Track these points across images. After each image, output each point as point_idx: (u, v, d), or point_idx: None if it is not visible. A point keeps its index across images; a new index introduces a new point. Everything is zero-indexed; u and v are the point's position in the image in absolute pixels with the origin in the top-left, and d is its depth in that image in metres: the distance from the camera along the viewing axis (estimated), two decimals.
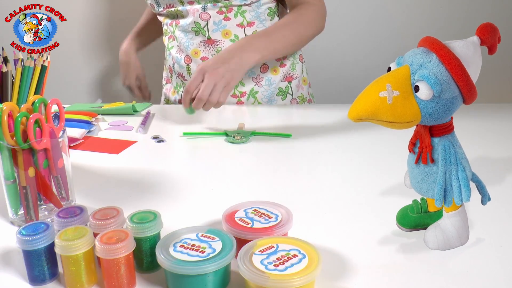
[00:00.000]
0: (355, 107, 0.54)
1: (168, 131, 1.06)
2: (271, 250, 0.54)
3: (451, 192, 0.55)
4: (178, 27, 1.21)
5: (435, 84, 0.51)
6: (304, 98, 1.32)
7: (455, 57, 0.52)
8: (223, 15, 1.17)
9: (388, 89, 0.52)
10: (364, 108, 0.53)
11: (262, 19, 1.20)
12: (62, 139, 0.69)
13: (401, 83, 0.52)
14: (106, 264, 0.54)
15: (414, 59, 0.53)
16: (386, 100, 0.52)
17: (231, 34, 1.18)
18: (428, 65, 0.52)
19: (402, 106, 0.52)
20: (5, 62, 0.73)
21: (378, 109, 0.52)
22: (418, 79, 0.52)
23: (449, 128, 0.56)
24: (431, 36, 0.54)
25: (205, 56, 1.20)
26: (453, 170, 0.55)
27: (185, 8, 1.18)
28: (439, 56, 0.52)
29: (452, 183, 0.55)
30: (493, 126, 1.06)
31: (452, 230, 0.58)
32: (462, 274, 0.57)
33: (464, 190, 0.54)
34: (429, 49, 0.53)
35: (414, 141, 0.58)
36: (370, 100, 0.52)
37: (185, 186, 0.81)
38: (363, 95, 0.53)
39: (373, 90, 0.53)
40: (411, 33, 1.79)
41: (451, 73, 0.52)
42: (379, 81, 0.53)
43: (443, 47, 0.52)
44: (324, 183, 0.82)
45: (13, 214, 0.69)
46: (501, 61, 1.66)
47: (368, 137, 1.00)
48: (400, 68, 0.53)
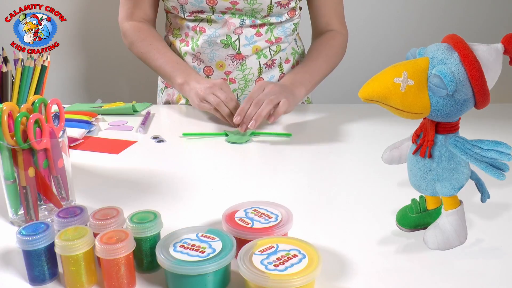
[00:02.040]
0: (368, 87, 0.53)
1: (168, 131, 1.06)
2: (271, 250, 0.54)
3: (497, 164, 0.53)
4: (203, 35, 1.17)
5: (451, 82, 0.51)
6: (310, 101, 1.34)
7: (476, 59, 0.52)
8: (255, 30, 1.17)
9: (404, 77, 0.51)
10: (377, 90, 0.52)
11: (287, 34, 1.21)
12: (62, 139, 0.69)
13: (418, 74, 0.52)
14: (106, 264, 0.54)
15: (435, 53, 0.53)
16: (399, 86, 0.51)
17: (260, 49, 1.18)
18: (448, 62, 0.52)
19: (414, 96, 0.52)
20: (5, 62, 0.73)
21: (390, 94, 0.52)
22: (435, 73, 0.51)
23: (455, 128, 0.56)
24: (457, 35, 0.54)
25: (230, 71, 1.18)
26: (477, 151, 0.54)
27: (218, 16, 1.15)
28: (460, 55, 0.52)
29: (489, 156, 0.53)
30: (493, 126, 1.06)
31: (450, 229, 0.58)
32: (462, 274, 0.57)
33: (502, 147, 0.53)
34: (452, 46, 0.53)
35: (418, 133, 0.58)
36: (384, 84, 0.52)
37: (185, 186, 0.81)
38: (378, 77, 0.53)
39: (389, 75, 0.52)
40: (411, 33, 1.79)
41: (469, 74, 0.52)
42: (396, 67, 0.53)
43: (466, 47, 0.52)
44: (324, 183, 0.82)
45: (13, 214, 0.69)
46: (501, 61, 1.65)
47: (368, 137, 1.00)
48: (420, 59, 0.53)
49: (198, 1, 1.12)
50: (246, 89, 1.21)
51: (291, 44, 1.25)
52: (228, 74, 1.19)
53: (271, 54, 1.20)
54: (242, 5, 1.13)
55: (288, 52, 1.24)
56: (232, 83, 1.19)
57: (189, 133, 1.03)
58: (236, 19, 1.15)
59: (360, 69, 1.84)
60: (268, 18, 1.17)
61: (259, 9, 1.14)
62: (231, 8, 1.13)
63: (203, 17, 1.16)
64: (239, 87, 1.20)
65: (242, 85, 1.20)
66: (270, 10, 1.14)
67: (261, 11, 1.14)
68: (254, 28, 1.17)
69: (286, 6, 1.15)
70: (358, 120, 1.10)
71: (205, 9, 1.14)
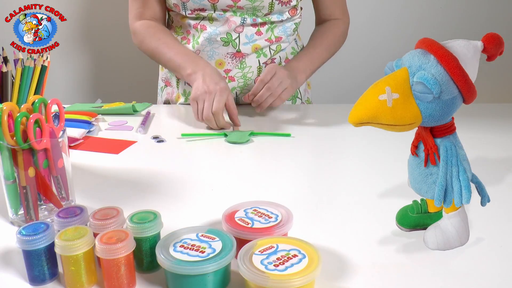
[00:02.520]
0: (355, 111, 0.53)
1: (168, 131, 1.06)
2: (271, 250, 0.54)
3: (451, 193, 0.55)
4: (203, 33, 1.17)
5: (434, 85, 0.51)
6: (310, 102, 1.34)
7: (453, 57, 0.52)
8: (256, 29, 1.18)
9: (388, 92, 0.52)
10: (364, 112, 0.52)
11: (288, 34, 1.22)
12: (62, 139, 0.69)
13: (400, 86, 0.52)
14: (106, 264, 0.54)
15: (412, 61, 0.53)
16: (386, 103, 0.52)
17: (259, 48, 1.19)
18: (426, 67, 0.52)
19: (403, 108, 0.52)
20: (5, 62, 0.73)
21: (378, 112, 0.52)
22: (417, 80, 0.52)
23: (451, 129, 0.56)
24: (428, 38, 0.54)
25: (229, 69, 1.19)
26: (454, 171, 0.55)
27: (220, 14, 1.15)
28: (436, 56, 0.52)
29: (453, 184, 0.55)
30: (493, 126, 1.06)
31: (452, 231, 0.58)
32: (462, 274, 0.57)
33: (464, 191, 0.54)
34: (426, 50, 0.53)
35: (416, 144, 0.58)
36: (370, 104, 0.52)
37: (185, 186, 0.81)
38: (363, 99, 0.53)
39: (372, 94, 0.53)
40: (411, 33, 1.79)
41: (450, 73, 0.52)
42: (378, 84, 0.53)
43: (440, 47, 0.52)
44: (324, 183, 0.82)
45: (13, 214, 0.69)
46: (501, 61, 1.66)
47: (368, 137, 1.00)
48: (399, 71, 0.53)
49: None
50: (245, 88, 1.21)
51: (291, 44, 1.25)
52: (228, 72, 1.19)
53: (271, 53, 1.21)
54: (244, 3, 1.13)
55: (288, 52, 1.24)
56: (232, 81, 1.20)
57: (187, 134, 1.03)
58: (237, 18, 1.15)
59: (360, 70, 1.85)
60: (269, 17, 1.17)
61: (260, 6, 1.14)
62: (233, 6, 1.13)
63: (204, 15, 1.16)
64: (238, 85, 1.20)
65: (241, 84, 1.20)
66: (271, 8, 1.15)
67: (262, 8, 1.14)
68: (255, 26, 1.17)
69: (287, 4, 1.16)
70: None
71: (206, 6, 1.14)
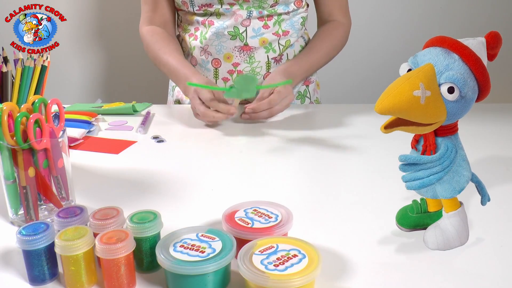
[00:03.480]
0: (387, 101, 0.50)
1: (168, 131, 1.06)
2: (271, 250, 0.54)
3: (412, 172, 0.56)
4: (211, 27, 1.18)
5: (464, 86, 0.51)
6: (319, 101, 1.34)
7: (477, 56, 0.52)
8: (263, 22, 1.18)
9: (422, 89, 0.50)
10: (398, 105, 0.49)
11: (296, 28, 1.22)
12: (62, 139, 0.69)
13: (431, 83, 0.51)
14: (106, 264, 0.54)
15: (437, 60, 0.52)
16: (419, 99, 0.50)
17: (267, 42, 1.19)
18: (453, 66, 0.51)
19: (433, 107, 0.51)
20: (5, 62, 0.73)
21: (411, 107, 0.50)
22: (446, 81, 0.51)
23: (454, 129, 0.56)
24: (445, 36, 0.54)
25: (237, 62, 1.19)
26: (435, 168, 0.55)
27: (227, 9, 1.16)
28: (462, 56, 0.52)
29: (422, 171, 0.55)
30: (493, 126, 1.06)
31: (452, 231, 0.58)
32: (462, 274, 0.57)
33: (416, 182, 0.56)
34: (449, 49, 0.53)
35: (417, 138, 0.58)
36: (404, 97, 0.49)
37: (185, 186, 0.81)
38: (396, 91, 0.50)
39: (407, 88, 0.50)
40: (411, 33, 1.79)
41: (475, 72, 0.52)
42: (411, 79, 0.50)
43: (464, 47, 0.52)
44: (324, 183, 0.82)
45: (13, 214, 0.69)
46: (501, 61, 1.65)
47: (368, 137, 1.00)
48: (426, 67, 0.52)
49: None
50: None
51: (299, 41, 1.25)
52: (236, 66, 1.20)
53: (280, 49, 1.21)
54: None
55: (296, 49, 1.25)
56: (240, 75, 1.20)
57: (195, 84, 1.05)
58: (244, 11, 1.16)
59: (360, 70, 1.85)
60: (275, 8, 1.17)
61: None
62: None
63: (211, 10, 1.17)
64: None
65: None
66: None
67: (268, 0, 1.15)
68: (262, 20, 1.18)
69: None
70: (358, 120, 1.10)
71: (213, 1, 1.16)
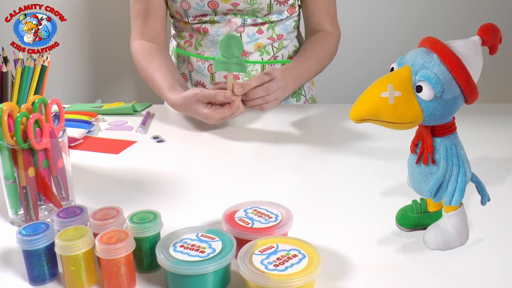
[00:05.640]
0: (357, 107, 0.53)
1: (168, 131, 1.06)
2: (271, 250, 0.54)
3: (444, 191, 0.55)
4: (206, 35, 1.19)
5: (437, 84, 0.51)
6: (314, 99, 1.34)
7: (456, 56, 0.52)
8: (257, 28, 1.19)
9: (390, 90, 0.52)
10: (366, 109, 0.52)
11: (289, 31, 1.23)
12: (62, 139, 0.69)
13: (402, 84, 0.52)
14: (106, 264, 0.54)
15: (415, 60, 0.53)
16: (387, 100, 0.52)
17: (262, 46, 1.20)
18: (429, 65, 0.52)
19: (404, 106, 0.52)
20: (5, 62, 0.73)
21: (379, 109, 0.52)
22: (419, 79, 0.52)
23: (451, 128, 0.56)
24: (432, 36, 0.54)
25: None
26: (454, 170, 0.55)
27: (221, 18, 1.17)
28: (440, 56, 0.52)
29: (450, 183, 0.55)
30: (493, 126, 1.06)
31: (452, 231, 0.58)
32: (462, 274, 0.57)
33: (457, 193, 0.54)
34: (430, 49, 0.53)
35: (416, 142, 0.58)
36: (371, 101, 0.52)
37: (185, 186, 0.81)
38: (364, 96, 0.53)
39: (374, 91, 0.53)
40: (411, 33, 1.79)
41: (452, 73, 0.52)
42: (380, 81, 0.53)
43: (444, 47, 0.52)
44: (324, 183, 0.82)
45: (13, 214, 0.69)
46: (501, 61, 1.65)
47: (369, 137, 1.00)
48: (401, 69, 0.53)
49: (200, 5, 1.14)
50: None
51: (293, 42, 1.26)
52: None
53: (273, 51, 1.22)
54: (243, 6, 1.14)
55: (290, 50, 1.25)
56: (236, 79, 1.20)
57: (181, 51, 1.12)
58: (238, 19, 1.17)
59: (360, 70, 1.85)
60: (269, 17, 1.18)
61: (260, 8, 1.15)
62: (233, 10, 1.15)
63: (206, 19, 1.18)
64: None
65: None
66: (270, 8, 1.16)
67: (261, 10, 1.16)
68: (256, 26, 1.19)
69: (285, 3, 1.17)
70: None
71: (207, 12, 1.16)
